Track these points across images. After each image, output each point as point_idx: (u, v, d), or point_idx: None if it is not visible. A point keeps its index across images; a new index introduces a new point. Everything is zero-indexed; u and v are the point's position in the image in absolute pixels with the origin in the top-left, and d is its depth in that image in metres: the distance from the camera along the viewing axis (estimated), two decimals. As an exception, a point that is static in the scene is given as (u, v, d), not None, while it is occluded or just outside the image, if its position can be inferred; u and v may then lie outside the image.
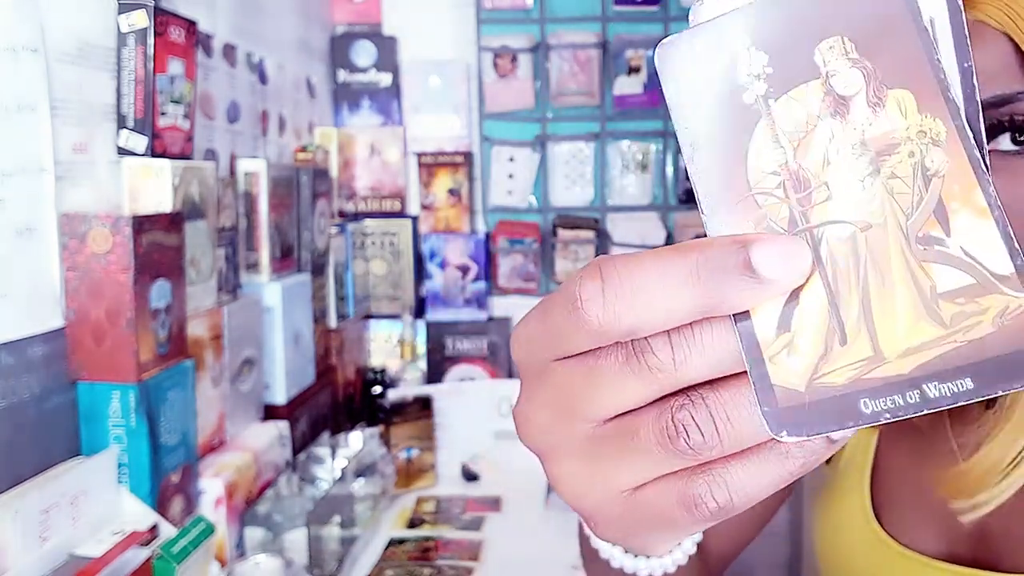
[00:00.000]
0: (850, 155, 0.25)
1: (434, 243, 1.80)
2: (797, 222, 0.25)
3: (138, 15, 0.90)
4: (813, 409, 0.24)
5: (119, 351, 0.84)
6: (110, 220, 0.83)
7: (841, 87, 0.25)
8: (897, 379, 0.23)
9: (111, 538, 0.78)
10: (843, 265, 0.24)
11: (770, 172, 0.25)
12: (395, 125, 1.80)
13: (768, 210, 0.25)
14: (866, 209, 0.24)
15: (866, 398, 0.23)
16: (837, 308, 0.24)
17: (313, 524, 1.13)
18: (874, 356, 0.24)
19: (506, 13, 1.78)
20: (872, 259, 0.24)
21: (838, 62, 0.25)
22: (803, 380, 0.24)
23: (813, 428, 0.24)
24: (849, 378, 0.24)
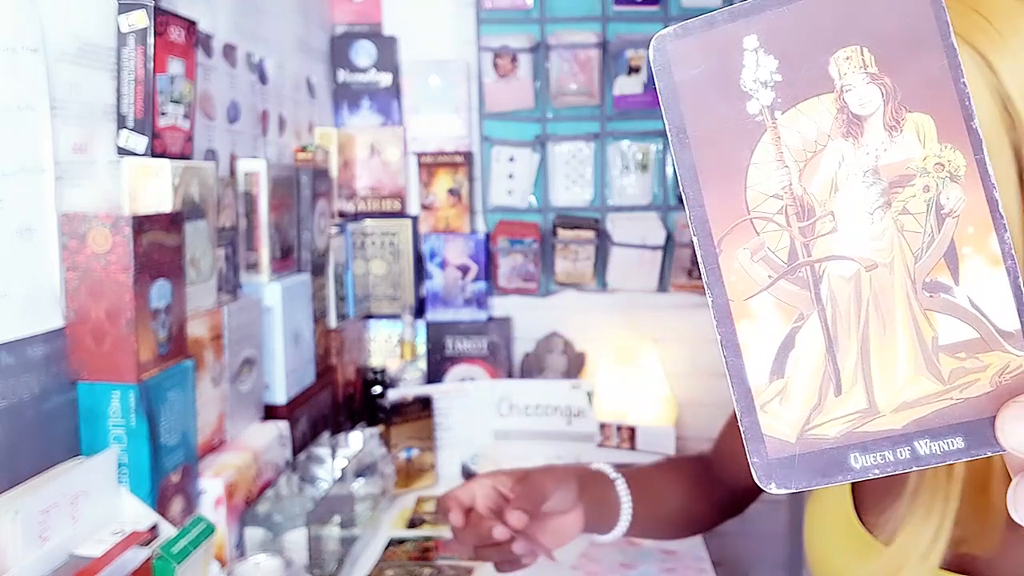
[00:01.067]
0: (860, 183, 0.23)
1: (434, 243, 1.80)
2: (798, 254, 0.23)
3: (138, 15, 0.90)
4: (802, 462, 0.23)
5: (119, 351, 0.84)
6: (110, 220, 0.83)
7: (856, 105, 0.23)
8: (889, 434, 0.22)
9: (111, 538, 0.78)
10: (844, 307, 0.23)
11: (772, 195, 0.23)
12: (395, 125, 1.80)
13: (767, 238, 0.23)
14: (873, 246, 0.22)
15: (857, 452, 0.22)
16: (834, 355, 0.23)
17: (313, 524, 1.13)
18: (868, 409, 0.23)
19: (506, 13, 1.78)
20: (875, 303, 0.22)
21: (855, 76, 0.22)
22: (794, 431, 0.23)
23: (801, 481, 0.23)
24: (841, 431, 0.23)
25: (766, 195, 0.23)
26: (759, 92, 0.23)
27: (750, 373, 0.23)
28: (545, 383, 1.72)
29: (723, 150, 0.23)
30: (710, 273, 0.23)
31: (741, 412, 0.23)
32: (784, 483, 0.23)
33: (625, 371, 1.79)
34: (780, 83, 0.23)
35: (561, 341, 1.83)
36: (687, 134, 0.23)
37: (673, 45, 0.24)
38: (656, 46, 0.24)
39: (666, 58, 0.24)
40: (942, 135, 0.22)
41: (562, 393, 1.67)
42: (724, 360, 0.23)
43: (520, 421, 1.67)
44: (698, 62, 0.23)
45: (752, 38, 0.23)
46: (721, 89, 0.23)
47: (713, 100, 0.23)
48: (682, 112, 0.24)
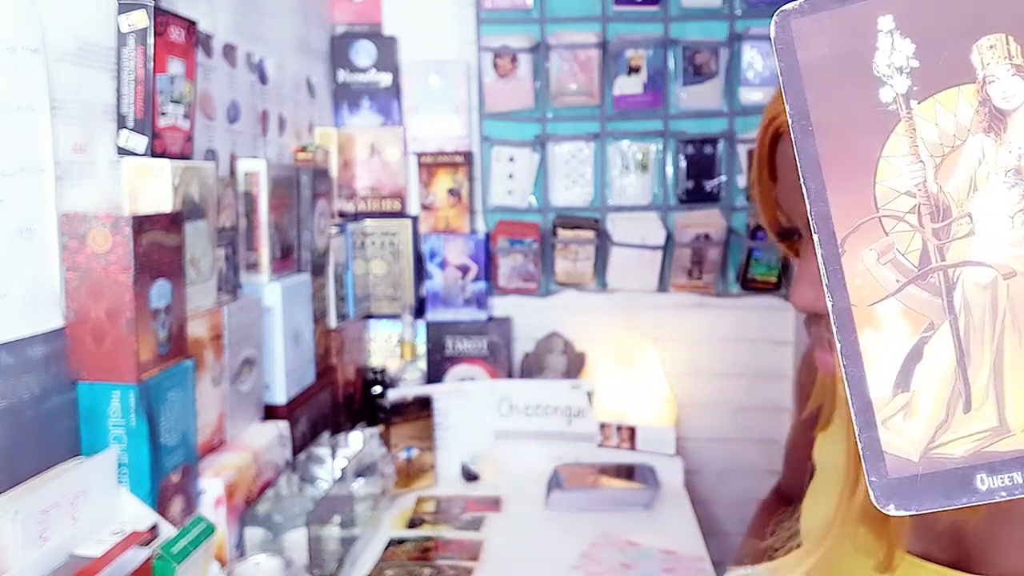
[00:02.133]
0: (1002, 183, 0.21)
1: (434, 243, 1.80)
2: (931, 258, 0.21)
3: (138, 15, 0.90)
4: (925, 482, 0.21)
5: (119, 351, 0.84)
6: (110, 220, 0.83)
7: (1000, 98, 0.21)
8: (1020, 455, 0.20)
9: (111, 538, 0.78)
10: (979, 317, 0.21)
11: (904, 192, 0.21)
12: (395, 125, 1.80)
13: (897, 238, 0.21)
14: (1013, 252, 0.20)
15: (984, 473, 0.21)
16: (965, 369, 0.21)
17: (313, 524, 1.13)
18: (999, 427, 0.21)
19: (506, 13, 1.78)
20: (1013, 314, 0.21)
21: (999, 67, 0.20)
22: (918, 449, 0.21)
23: (923, 503, 0.21)
24: (968, 450, 0.21)
25: (897, 192, 0.21)
26: (893, 78, 0.21)
27: (872, 385, 0.21)
28: (545, 383, 1.72)
29: (851, 140, 0.21)
30: (831, 275, 0.21)
31: (860, 427, 0.22)
32: (905, 505, 0.21)
33: (625, 371, 1.79)
34: (917, 70, 0.21)
35: (561, 341, 1.83)
36: (810, 121, 0.21)
37: (798, 22, 0.21)
38: (779, 22, 0.22)
39: (789, 36, 0.21)
40: None
41: (562, 393, 1.67)
42: (843, 370, 0.22)
43: (520, 421, 1.67)
44: (826, 42, 0.21)
45: (888, 19, 0.21)
46: (851, 73, 0.21)
47: (842, 85, 0.21)
48: (806, 96, 0.21)
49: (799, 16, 0.21)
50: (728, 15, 1.76)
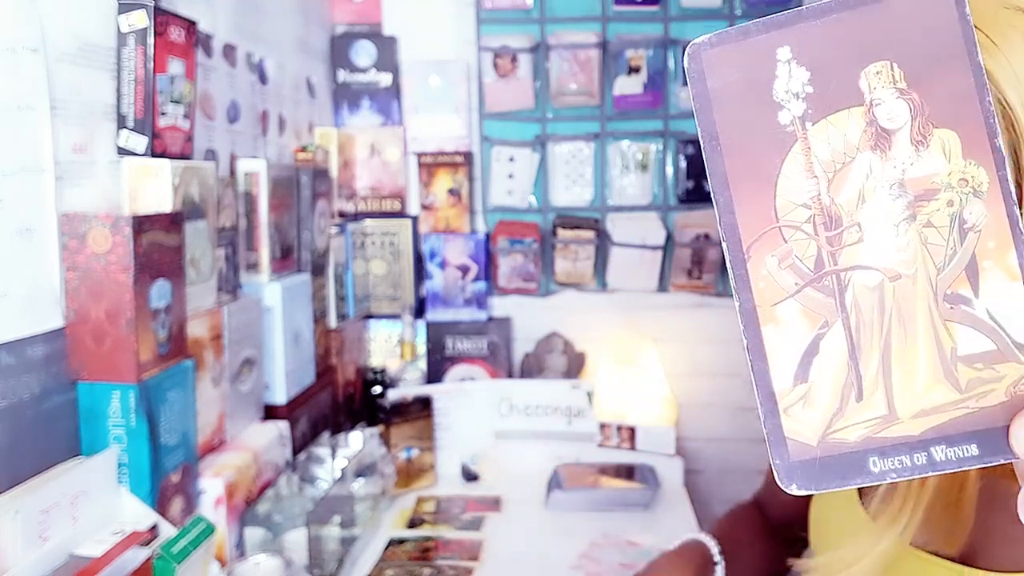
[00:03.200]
0: (887, 196, 0.23)
1: (434, 243, 1.80)
2: (825, 263, 0.24)
3: (138, 15, 0.90)
4: (824, 464, 0.24)
5: (119, 351, 0.84)
6: (110, 220, 0.83)
7: (885, 119, 0.23)
8: (907, 440, 0.23)
9: (111, 538, 0.78)
10: (868, 316, 0.23)
11: (800, 204, 0.24)
12: (395, 125, 1.80)
13: (795, 246, 0.24)
14: (897, 257, 0.23)
15: (875, 457, 0.23)
16: (857, 362, 0.23)
17: (313, 524, 1.13)
18: (888, 415, 0.23)
19: (506, 13, 1.78)
20: (898, 312, 0.23)
21: (885, 91, 0.23)
22: (816, 435, 0.24)
23: (821, 483, 0.24)
24: (861, 436, 0.23)
25: (795, 204, 0.23)
26: (791, 103, 0.23)
27: (775, 377, 0.24)
28: (545, 383, 1.72)
29: (754, 158, 0.23)
30: (738, 279, 0.24)
31: (765, 415, 0.24)
32: (805, 485, 0.24)
33: (625, 371, 1.79)
34: (811, 95, 0.23)
35: (561, 341, 1.83)
36: (719, 141, 0.24)
37: (708, 54, 0.24)
38: (691, 54, 0.24)
39: (700, 66, 0.24)
40: (967, 151, 0.22)
41: (562, 393, 1.67)
42: (750, 364, 0.24)
43: (520, 421, 1.67)
44: (732, 71, 0.24)
45: (785, 49, 0.23)
46: (753, 98, 0.23)
47: (745, 109, 0.24)
48: (715, 120, 0.24)
49: (709, 48, 0.24)
50: (728, 15, 1.76)
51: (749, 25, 0.23)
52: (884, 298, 0.23)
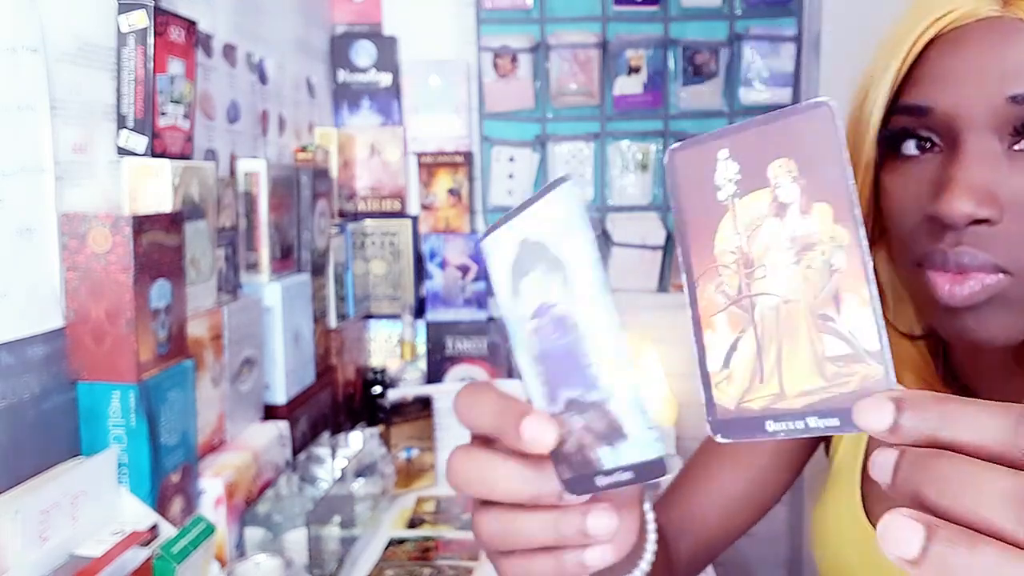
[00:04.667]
0: (783, 247, 0.34)
1: (434, 243, 1.80)
2: (743, 290, 0.35)
3: (138, 15, 0.90)
4: (737, 423, 0.35)
5: (119, 351, 0.84)
6: (110, 220, 0.83)
7: (783, 196, 0.33)
8: (791, 411, 0.33)
9: (111, 538, 0.78)
10: (769, 325, 0.34)
11: (729, 251, 0.35)
12: (395, 125, 1.80)
13: (725, 278, 0.35)
14: (788, 287, 0.33)
15: (770, 420, 0.34)
16: (761, 356, 0.34)
17: (313, 524, 1.13)
18: (780, 393, 0.34)
19: (506, 13, 1.78)
20: (788, 324, 0.33)
21: (784, 178, 0.33)
22: (733, 403, 0.35)
23: (737, 436, 0.35)
24: (762, 406, 0.34)
25: (726, 251, 0.35)
26: (725, 186, 0.35)
27: (710, 364, 0.36)
28: (545, 383, 1.71)
29: (702, 222, 0.36)
30: (691, 298, 0.37)
31: (703, 388, 0.36)
32: (726, 436, 0.35)
33: (625, 371, 1.78)
34: (739, 180, 0.34)
35: (561, 341, 1.83)
36: (683, 212, 0.36)
37: (677, 155, 0.36)
38: (668, 156, 0.37)
39: (673, 164, 0.36)
40: (836, 219, 0.32)
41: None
42: (696, 355, 0.36)
43: (520, 421, 1.67)
44: (691, 166, 0.36)
45: (724, 151, 0.35)
46: (703, 183, 0.35)
47: (698, 191, 0.36)
48: (679, 199, 0.36)
49: (679, 151, 0.36)
50: (728, 15, 1.76)
51: (704, 135, 0.35)
52: (779, 314, 0.34)
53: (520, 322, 0.39)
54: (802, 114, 0.32)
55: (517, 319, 0.39)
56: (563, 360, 0.37)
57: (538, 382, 0.39)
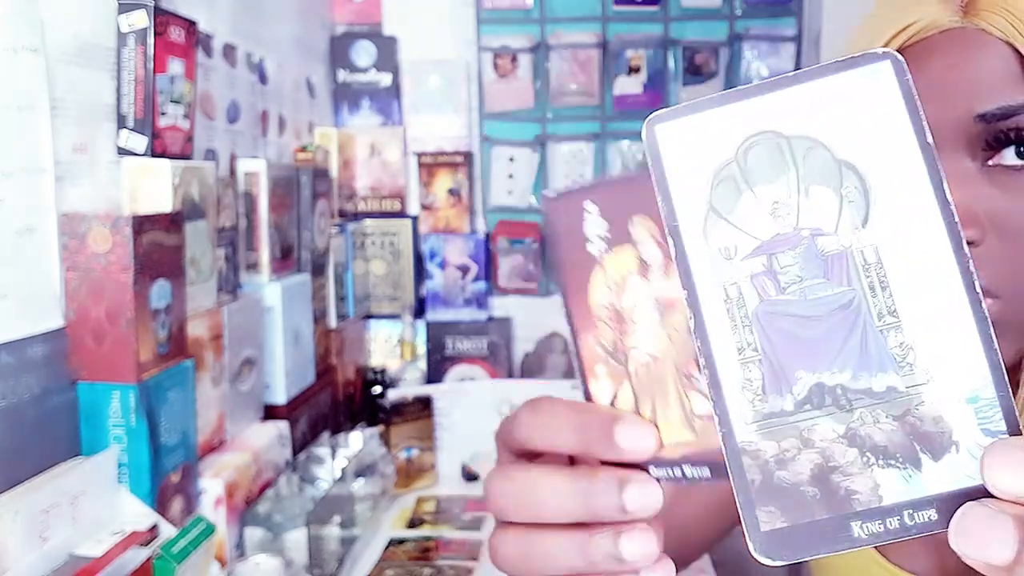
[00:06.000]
0: (649, 306, 0.33)
1: (434, 243, 1.80)
2: (616, 345, 0.34)
3: (138, 15, 0.90)
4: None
5: (119, 351, 0.84)
6: (110, 220, 0.83)
7: (646, 255, 0.33)
8: (669, 460, 0.33)
9: (111, 538, 0.78)
10: (643, 379, 0.34)
11: (603, 305, 0.34)
12: (395, 125, 1.80)
13: (602, 331, 0.34)
14: (655, 346, 0.33)
15: (653, 467, 0.33)
16: (638, 407, 0.34)
17: (313, 524, 1.13)
18: (657, 444, 0.33)
19: (506, 13, 1.78)
20: (658, 380, 0.33)
21: (644, 236, 0.33)
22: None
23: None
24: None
25: (600, 305, 0.34)
26: (595, 240, 0.34)
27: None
28: (545, 383, 1.72)
29: (578, 275, 0.35)
30: (575, 347, 0.36)
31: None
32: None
33: (625, 371, 1.78)
34: (608, 236, 0.34)
35: (561, 341, 1.83)
36: (559, 262, 0.35)
37: (551, 204, 0.35)
38: (543, 202, 0.36)
39: (547, 212, 0.36)
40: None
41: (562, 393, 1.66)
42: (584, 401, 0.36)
43: (520, 421, 1.67)
44: (565, 216, 0.35)
45: (593, 205, 0.34)
46: (575, 234, 0.35)
47: (572, 241, 0.35)
48: (556, 248, 0.35)
49: (552, 200, 0.35)
50: (728, 15, 1.76)
51: (574, 185, 0.35)
52: (651, 369, 0.33)
53: (715, 261, 0.30)
54: (638, 177, 0.31)
55: (710, 255, 0.30)
56: (816, 323, 0.28)
57: (745, 359, 0.29)
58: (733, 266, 0.30)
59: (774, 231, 0.29)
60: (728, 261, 0.30)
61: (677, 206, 0.30)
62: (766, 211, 0.29)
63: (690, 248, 0.30)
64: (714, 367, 0.30)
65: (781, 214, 0.29)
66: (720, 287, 0.30)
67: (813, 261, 0.29)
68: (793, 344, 0.29)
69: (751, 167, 0.29)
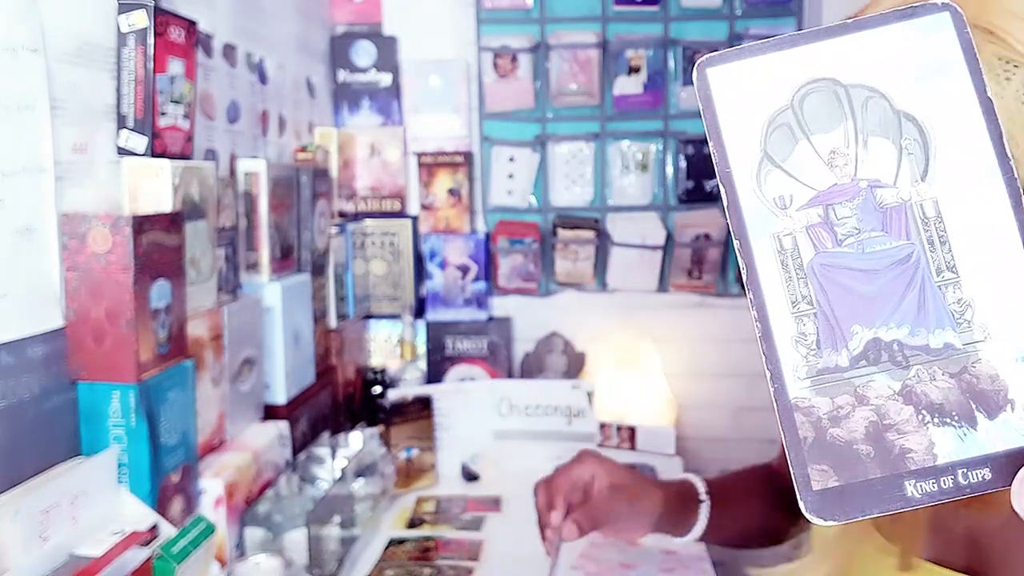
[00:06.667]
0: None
1: (434, 243, 1.80)
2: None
3: (138, 15, 0.90)
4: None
5: (119, 351, 0.84)
6: (110, 220, 0.83)
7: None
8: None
9: (111, 538, 0.78)
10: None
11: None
12: (395, 125, 1.80)
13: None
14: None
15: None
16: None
17: (313, 524, 1.13)
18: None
19: (506, 13, 1.78)
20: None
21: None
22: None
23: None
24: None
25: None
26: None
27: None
28: (545, 383, 1.72)
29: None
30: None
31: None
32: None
33: (625, 371, 1.79)
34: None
35: (561, 341, 1.83)
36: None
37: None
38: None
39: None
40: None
41: (562, 393, 1.67)
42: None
43: (520, 421, 1.67)
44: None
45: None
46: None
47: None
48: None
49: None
50: (728, 15, 1.76)
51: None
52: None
53: (769, 210, 0.29)
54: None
55: (763, 204, 0.29)
56: (874, 277, 0.28)
57: (800, 312, 0.29)
58: (788, 216, 0.29)
59: (831, 181, 0.28)
60: (783, 211, 0.29)
61: (730, 152, 0.29)
62: (823, 161, 0.29)
63: (743, 196, 0.29)
64: (767, 320, 0.28)
65: (838, 164, 0.29)
66: (774, 237, 0.29)
67: (871, 213, 0.28)
68: (849, 298, 0.28)
69: (808, 115, 0.29)
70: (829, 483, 0.27)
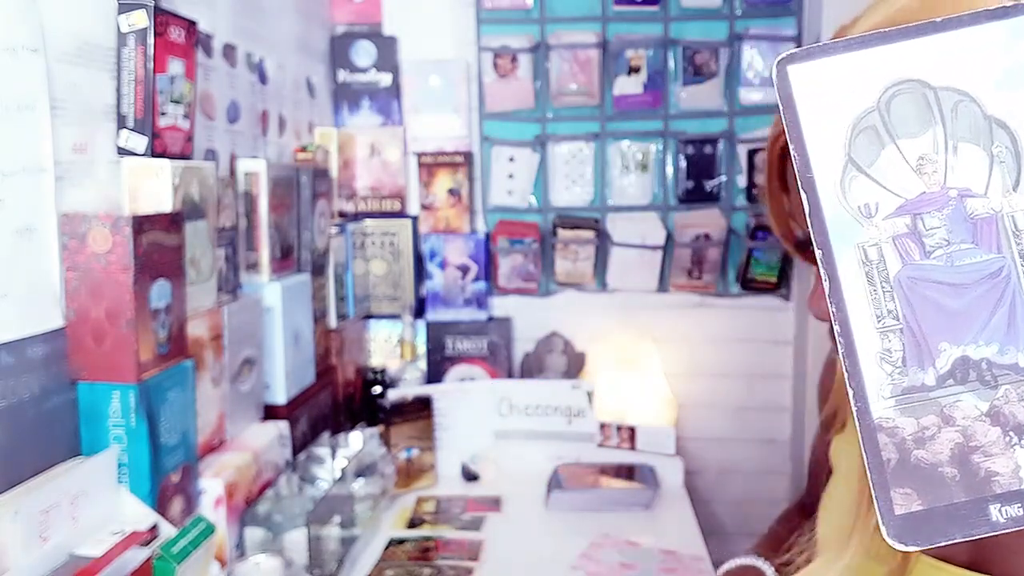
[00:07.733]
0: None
1: (434, 243, 1.80)
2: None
3: (138, 15, 0.90)
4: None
5: (119, 351, 0.84)
6: (110, 220, 0.83)
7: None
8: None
9: (111, 538, 0.78)
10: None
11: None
12: (395, 125, 1.80)
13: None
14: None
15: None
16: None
17: (313, 524, 1.13)
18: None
19: (506, 13, 1.78)
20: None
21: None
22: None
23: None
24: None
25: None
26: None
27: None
28: (545, 383, 1.72)
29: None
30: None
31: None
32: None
33: (625, 371, 1.79)
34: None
35: (561, 341, 1.83)
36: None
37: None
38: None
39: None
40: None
41: (562, 393, 1.67)
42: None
43: (520, 421, 1.67)
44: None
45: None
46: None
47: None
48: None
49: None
50: (728, 15, 1.76)
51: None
52: None
53: (854, 219, 0.27)
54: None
55: (848, 212, 0.27)
56: (963, 292, 0.27)
57: (885, 328, 0.27)
58: (873, 225, 0.27)
59: (920, 189, 0.27)
60: (868, 219, 0.27)
61: (812, 155, 0.27)
62: (911, 167, 0.27)
63: (826, 203, 0.27)
64: (850, 335, 0.26)
65: (927, 171, 0.27)
66: (858, 248, 0.27)
67: (961, 224, 0.27)
68: (937, 313, 0.26)
69: (895, 118, 0.27)
70: (912, 507, 0.26)
